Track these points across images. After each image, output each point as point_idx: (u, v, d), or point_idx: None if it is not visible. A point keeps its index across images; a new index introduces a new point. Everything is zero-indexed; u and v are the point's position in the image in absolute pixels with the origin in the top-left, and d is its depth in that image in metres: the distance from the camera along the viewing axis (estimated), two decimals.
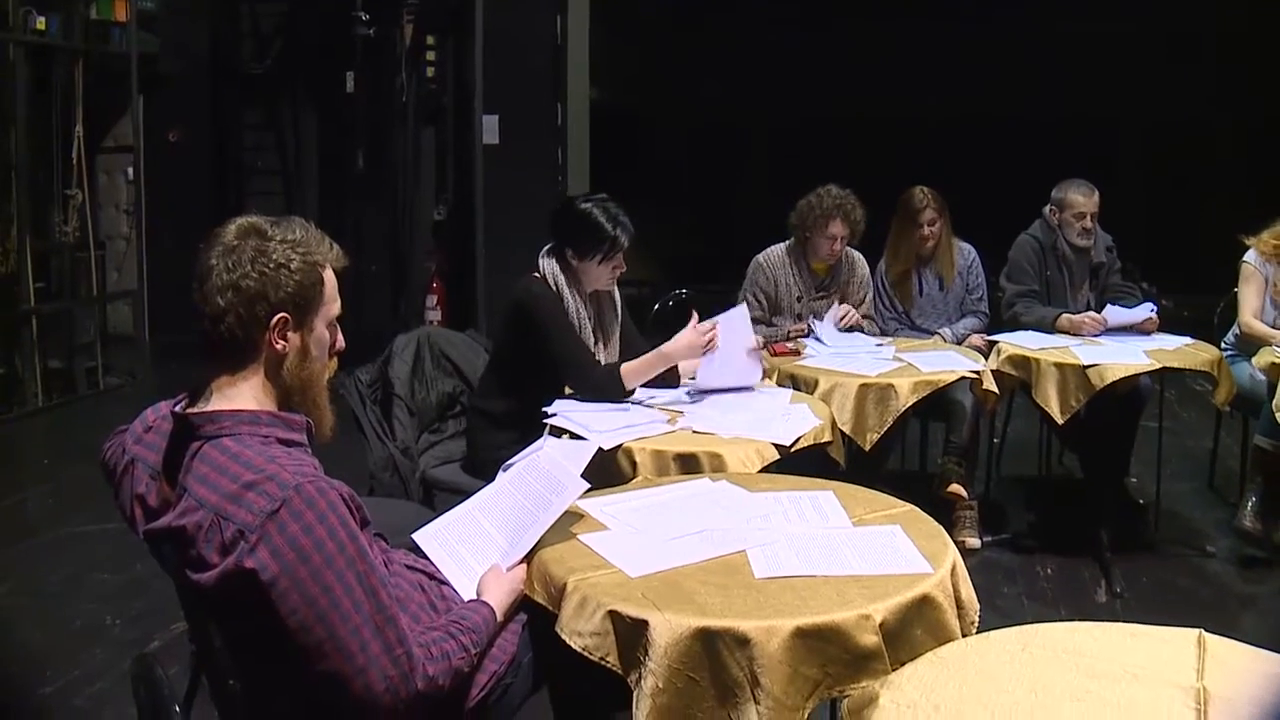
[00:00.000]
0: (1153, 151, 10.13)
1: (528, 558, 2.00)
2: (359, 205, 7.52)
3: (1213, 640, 1.61)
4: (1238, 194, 7.77)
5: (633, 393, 3.09)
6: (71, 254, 6.55)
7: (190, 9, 7.69)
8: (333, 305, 1.82)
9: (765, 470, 2.65)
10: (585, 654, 1.77)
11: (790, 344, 4.01)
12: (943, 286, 4.56)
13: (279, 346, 1.75)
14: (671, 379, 3.21)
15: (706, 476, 2.46)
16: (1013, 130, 9.88)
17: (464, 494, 2.32)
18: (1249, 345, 4.22)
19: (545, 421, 2.91)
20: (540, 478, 2.11)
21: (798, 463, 2.77)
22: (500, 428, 3.21)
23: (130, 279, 7.08)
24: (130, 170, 7.05)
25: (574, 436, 2.75)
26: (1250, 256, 4.28)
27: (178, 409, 1.76)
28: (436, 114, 7.60)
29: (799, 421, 2.93)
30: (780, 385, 3.54)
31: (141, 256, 6.96)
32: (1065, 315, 4.25)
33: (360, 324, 6.47)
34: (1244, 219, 4.36)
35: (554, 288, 3.20)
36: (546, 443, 2.51)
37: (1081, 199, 4.35)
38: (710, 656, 1.70)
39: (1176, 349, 4.04)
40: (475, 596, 1.95)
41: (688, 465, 2.65)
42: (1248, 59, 9.16)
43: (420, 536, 2.11)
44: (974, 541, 4.01)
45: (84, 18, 6.47)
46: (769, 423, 2.89)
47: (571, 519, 2.11)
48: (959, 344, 4.34)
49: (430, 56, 7.51)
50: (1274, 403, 3.77)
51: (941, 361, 3.81)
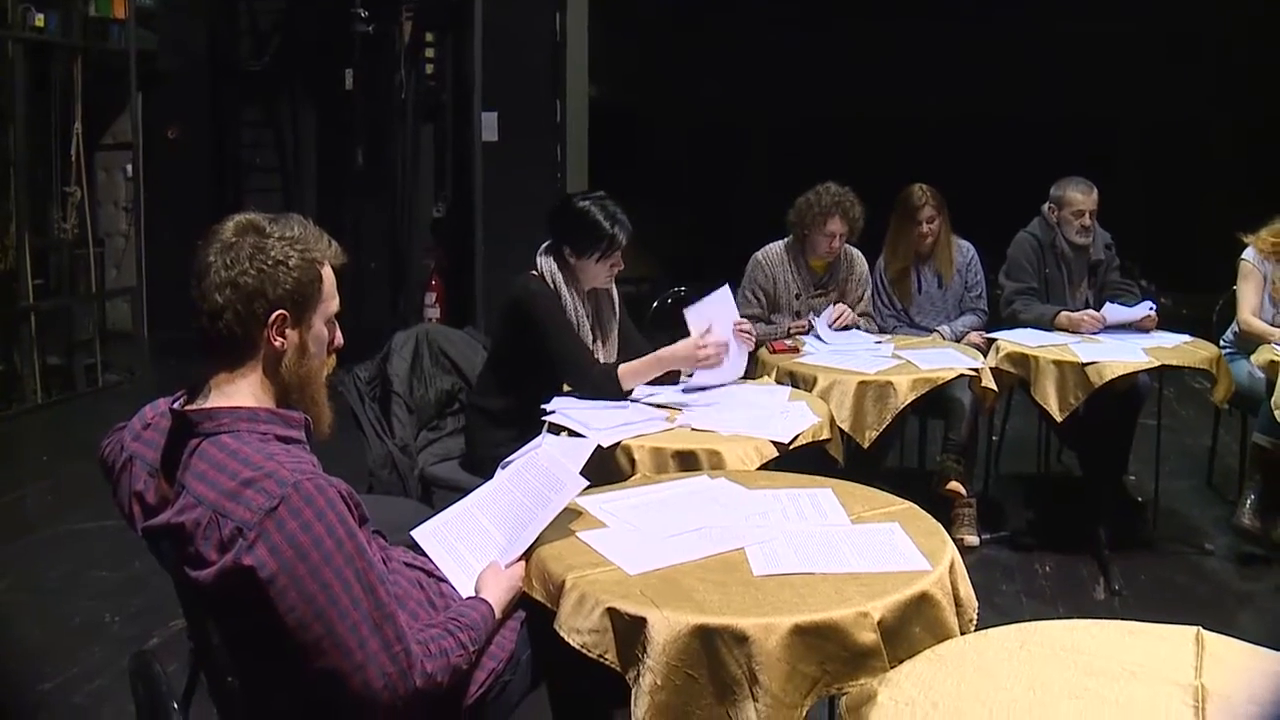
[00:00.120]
0: (1152, 149, 10.14)
1: (526, 555, 2.00)
2: (358, 202, 7.52)
3: (1211, 638, 1.61)
4: (1236, 192, 7.77)
5: (630, 392, 3.09)
6: (70, 251, 6.56)
7: (189, 6, 7.68)
8: (331, 302, 1.82)
9: (764, 468, 2.66)
10: (584, 651, 1.78)
11: (789, 341, 4.01)
12: (941, 284, 4.56)
13: (277, 344, 1.74)
14: (671, 377, 3.21)
15: (705, 474, 2.46)
16: (1012, 128, 9.90)
17: (462, 491, 2.32)
18: (1247, 343, 4.22)
19: (544, 419, 2.92)
20: (539, 475, 2.12)
21: (796, 460, 2.77)
22: (499, 425, 3.21)
23: (129, 276, 7.08)
24: (129, 167, 7.05)
25: (572, 434, 2.75)
26: (1249, 254, 4.29)
27: (176, 406, 1.76)
28: (435, 111, 7.60)
29: (798, 419, 2.93)
30: (779, 383, 3.54)
31: (140, 253, 6.96)
32: (1064, 313, 4.25)
33: (359, 321, 6.45)
34: (1243, 217, 4.36)
35: (552, 285, 3.20)
36: (545, 440, 2.52)
37: (1080, 197, 4.35)
38: (709, 654, 1.70)
39: (1175, 347, 4.04)
40: (474, 594, 1.95)
41: (686, 463, 2.65)
42: (1247, 59, 9.16)
43: (419, 534, 2.12)
44: (972, 539, 4.01)
45: (83, 15, 6.47)
46: (768, 420, 2.89)
47: (570, 516, 2.11)
48: (958, 341, 4.33)
49: (429, 53, 7.50)
50: (1272, 400, 3.77)
51: (940, 359, 3.81)
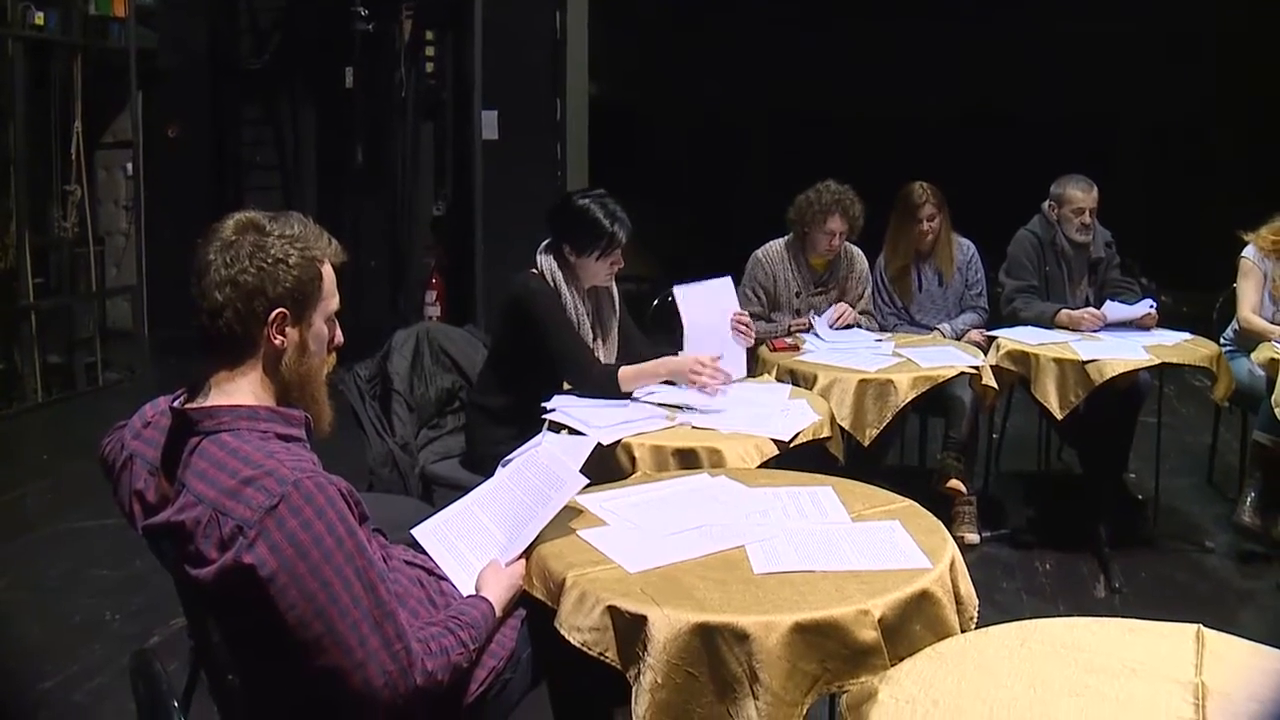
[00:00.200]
0: (1152, 148, 10.13)
1: (527, 553, 2.00)
2: (358, 200, 7.51)
3: (1211, 635, 1.61)
4: (1237, 190, 7.76)
5: (630, 393, 3.09)
6: (71, 249, 6.56)
7: (189, 4, 7.67)
8: (331, 300, 1.82)
9: (764, 466, 2.66)
10: (584, 649, 1.78)
11: (789, 339, 4.01)
12: (942, 282, 4.56)
13: (277, 342, 1.74)
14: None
15: (705, 472, 2.46)
16: (1012, 126, 9.89)
17: (463, 489, 2.32)
18: (1248, 341, 4.22)
19: (544, 417, 2.92)
20: (539, 473, 2.12)
21: (797, 458, 2.77)
22: (499, 423, 3.21)
23: (129, 274, 7.08)
24: (129, 166, 7.05)
25: (573, 432, 2.76)
26: (1249, 252, 4.28)
27: (176, 404, 1.76)
28: (435, 109, 7.59)
29: (798, 417, 2.93)
30: (779, 381, 3.54)
31: (140, 252, 6.95)
32: (1065, 311, 4.25)
33: (359, 319, 6.46)
34: (1243, 215, 4.36)
35: (552, 284, 3.19)
36: (545, 438, 2.51)
37: (1080, 194, 4.34)
38: (709, 652, 1.70)
39: (1175, 344, 4.04)
40: (474, 592, 1.95)
41: (687, 460, 2.65)
42: (1247, 58, 9.15)
43: (419, 532, 2.12)
44: (973, 537, 4.01)
45: (82, 13, 6.46)
46: (768, 418, 2.89)
47: (570, 514, 2.11)
48: (958, 339, 4.33)
49: (429, 52, 7.49)
50: (1273, 398, 3.77)
51: (941, 357, 3.81)
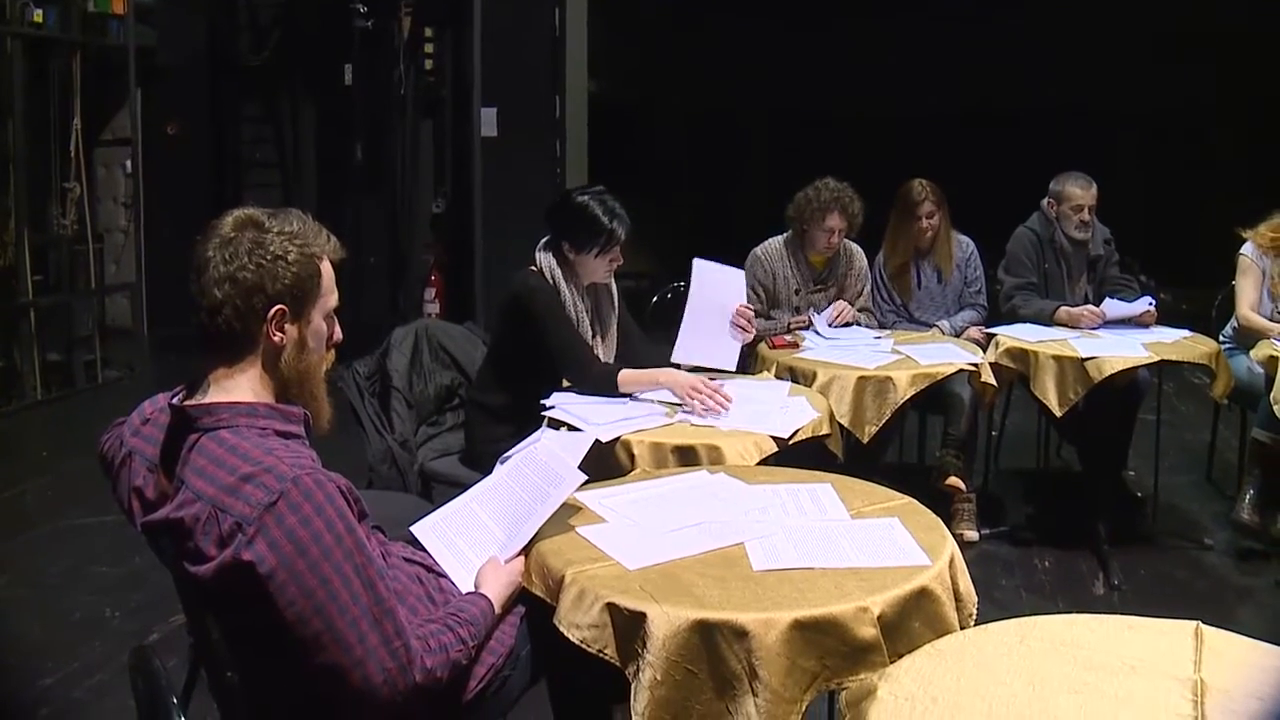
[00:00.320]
0: (1151, 145, 10.13)
1: (526, 550, 2.00)
2: (357, 198, 7.51)
3: (1210, 632, 1.61)
4: (1236, 188, 7.76)
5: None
6: (70, 247, 6.55)
7: (188, 1, 7.67)
8: (330, 297, 1.81)
9: (763, 463, 2.66)
10: (583, 646, 1.78)
11: (789, 336, 4.01)
12: (941, 279, 4.56)
13: (276, 339, 1.74)
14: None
15: (704, 469, 2.46)
16: (1011, 124, 9.90)
17: (462, 486, 2.32)
18: (1247, 338, 4.22)
19: (543, 414, 2.91)
20: (538, 470, 2.12)
21: (796, 455, 2.77)
22: (498, 421, 3.21)
23: (128, 272, 7.07)
24: (128, 163, 7.04)
25: (572, 429, 2.75)
26: (1247, 249, 4.28)
27: (175, 401, 1.76)
28: (435, 107, 7.59)
29: (797, 414, 2.93)
30: (779, 378, 3.54)
31: (140, 249, 6.95)
32: (1064, 308, 4.24)
33: (358, 316, 6.48)
34: (1242, 213, 4.35)
35: (551, 281, 3.19)
36: (544, 435, 2.51)
37: (1079, 192, 4.34)
38: (708, 649, 1.70)
39: (1175, 342, 4.04)
40: (473, 589, 1.95)
41: (686, 458, 2.65)
42: (1247, 56, 9.15)
43: (418, 529, 2.12)
44: (972, 534, 4.01)
45: (81, 10, 6.46)
46: (767, 415, 2.89)
47: (569, 511, 2.11)
48: (957, 337, 4.34)
49: (428, 49, 7.49)
50: (1272, 395, 3.77)
51: (940, 354, 3.81)
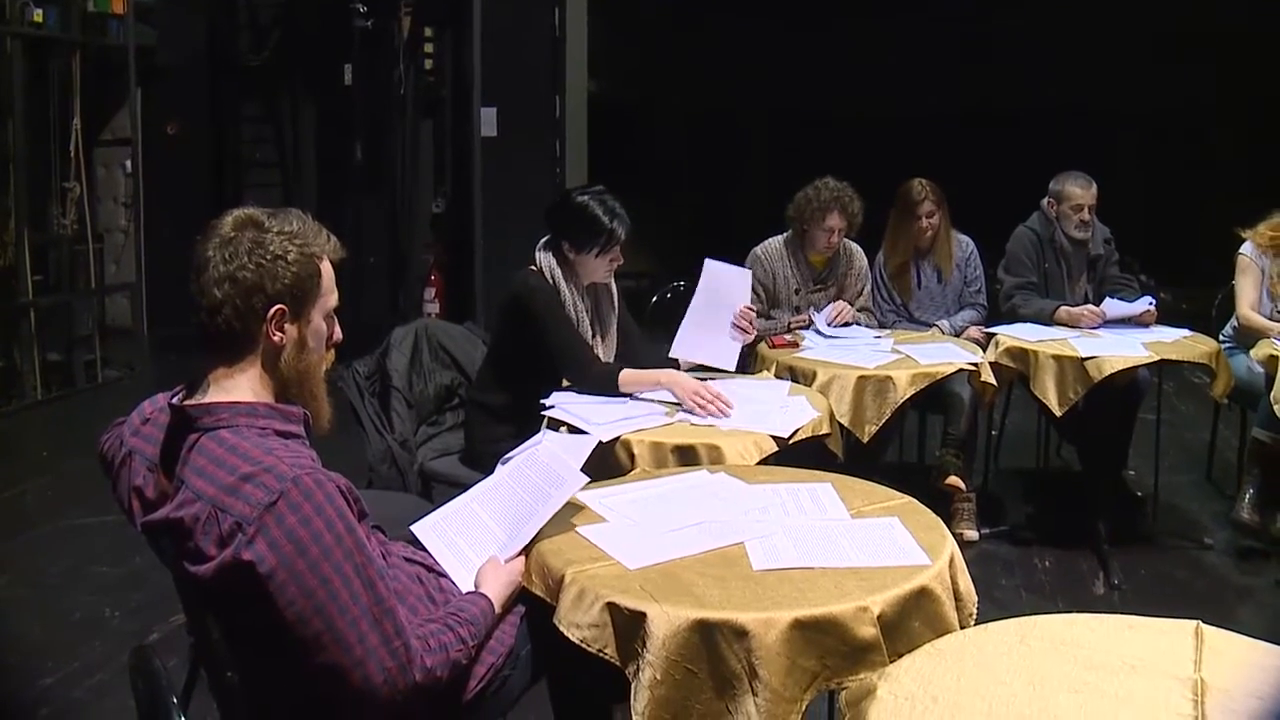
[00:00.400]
0: (1151, 145, 10.14)
1: (526, 550, 2.00)
2: (357, 197, 7.51)
3: (1210, 632, 1.61)
4: (1236, 187, 7.76)
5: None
6: (70, 247, 6.55)
7: (188, 1, 7.67)
8: (330, 297, 1.81)
9: (763, 462, 2.65)
10: (583, 646, 1.78)
11: (788, 336, 4.01)
12: (941, 279, 4.56)
13: (276, 338, 1.74)
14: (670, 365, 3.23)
15: (704, 468, 2.46)
16: (1011, 124, 9.90)
17: (462, 486, 2.32)
18: (1247, 337, 4.21)
19: (543, 414, 2.91)
20: (539, 471, 2.11)
21: (796, 455, 2.77)
22: (498, 421, 3.21)
23: (128, 272, 7.07)
24: (128, 163, 7.04)
25: (572, 429, 2.75)
26: (1246, 249, 4.28)
27: (175, 401, 1.76)
28: (434, 106, 7.59)
29: (797, 414, 2.93)
30: (778, 377, 3.54)
31: (140, 249, 6.95)
32: (1064, 308, 4.24)
33: (358, 316, 6.47)
34: (1242, 213, 4.35)
35: (551, 281, 3.19)
36: (545, 436, 2.51)
37: (1079, 191, 4.35)
38: (708, 648, 1.70)
39: (1175, 341, 4.04)
40: (473, 588, 1.95)
41: (686, 457, 2.65)
42: (1247, 56, 9.15)
43: (418, 529, 2.12)
44: (972, 534, 4.01)
45: (81, 10, 6.46)
46: (767, 415, 2.89)
47: (570, 511, 2.11)
48: (957, 336, 4.34)
49: (428, 49, 7.49)
50: (1272, 395, 3.77)
51: (939, 354, 3.81)
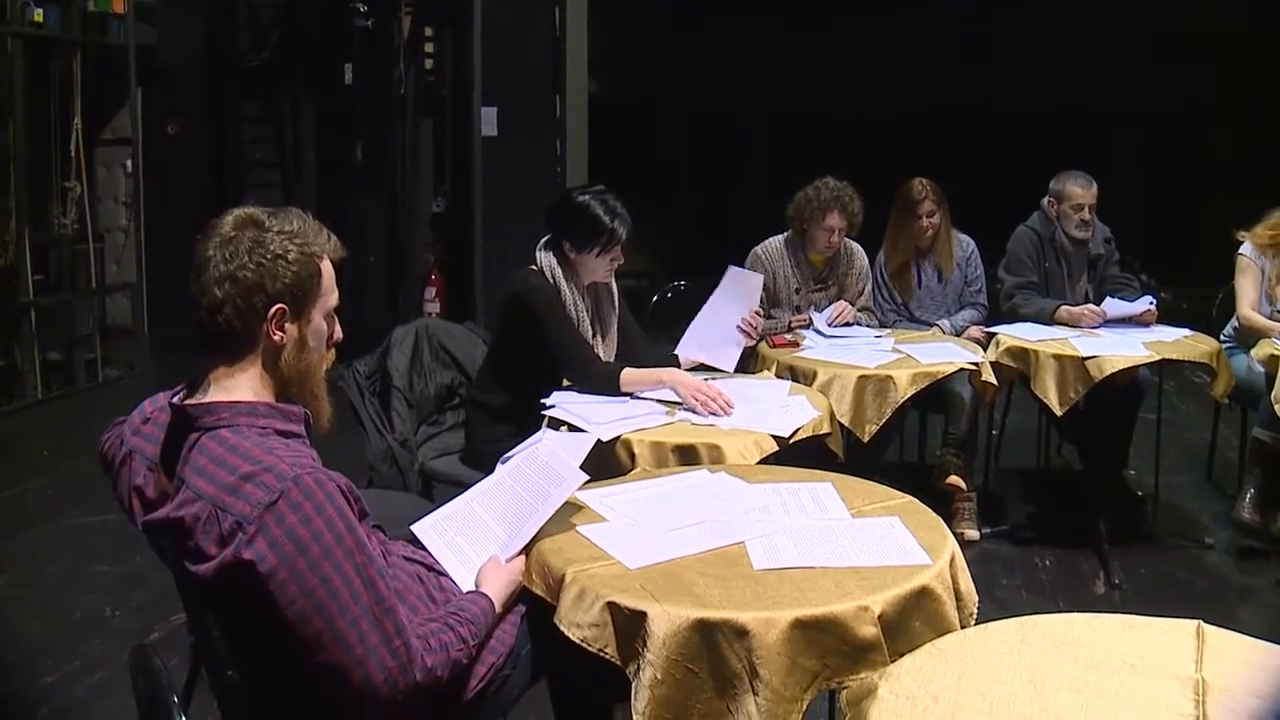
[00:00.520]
0: (1151, 145, 10.13)
1: (526, 549, 2.00)
2: (357, 197, 7.51)
3: (1211, 631, 1.61)
4: (1236, 187, 7.76)
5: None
6: (70, 246, 6.56)
7: (188, 1, 7.67)
8: (330, 296, 1.81)
9: (764, 462, 2.65)
10: (584, 645, 1.78)
11: (789, 336, 4.01)
12: (941, 278, 4.56)
13: (276, 338, 1.74)
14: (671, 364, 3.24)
15: (705, 468, 2.46)
16: (1012, 123, 9.88)
17: (463, 486, 2.32)
18: (1248, 337, 4.21)
19: (544, 414, 2.91)
20: (539, 470, 2.11)
21: (796, 454, 2.77)
22: (498, 420, 3.21)
23: (129, 271, 7.07)
24: (129, 163, 7.04)
25: (572, 428, 2.75)
26: (1245, 249, 4.28)
27: (175, 400, 1.76)
28: (435, 106, 7.59)
29: (797, 413, 2.93)
30: (779, 377, 3.54)
31: (140, 249, 6.95)
32: (1064, 307, 4.24)
33: (359, 316, 6.48)
34: (1242, 212, 4.35)
35: (551, 280, 3.19)
36: (545, 435, 2.51)
37: (1080, 191, 4.34)
38: (709, 648, 1.70)
39: (1175, 341, 4.04)
40: (473, 588, 1.95)
41: (686, 457, 2.65)
42: (1247, 56, 9.14)
43: (419, 528, 2.12)
44: (972, 533, 4.01)
45: (82, 10, 6.46)
46: (767, 414, 2.89)
47: (570, 510, 2.11)
48: (958, 336, 4.33)
49: (428, 48, 7.50)
50: (1272, 394, 3.77)
51: (940, 353, 3.81)
